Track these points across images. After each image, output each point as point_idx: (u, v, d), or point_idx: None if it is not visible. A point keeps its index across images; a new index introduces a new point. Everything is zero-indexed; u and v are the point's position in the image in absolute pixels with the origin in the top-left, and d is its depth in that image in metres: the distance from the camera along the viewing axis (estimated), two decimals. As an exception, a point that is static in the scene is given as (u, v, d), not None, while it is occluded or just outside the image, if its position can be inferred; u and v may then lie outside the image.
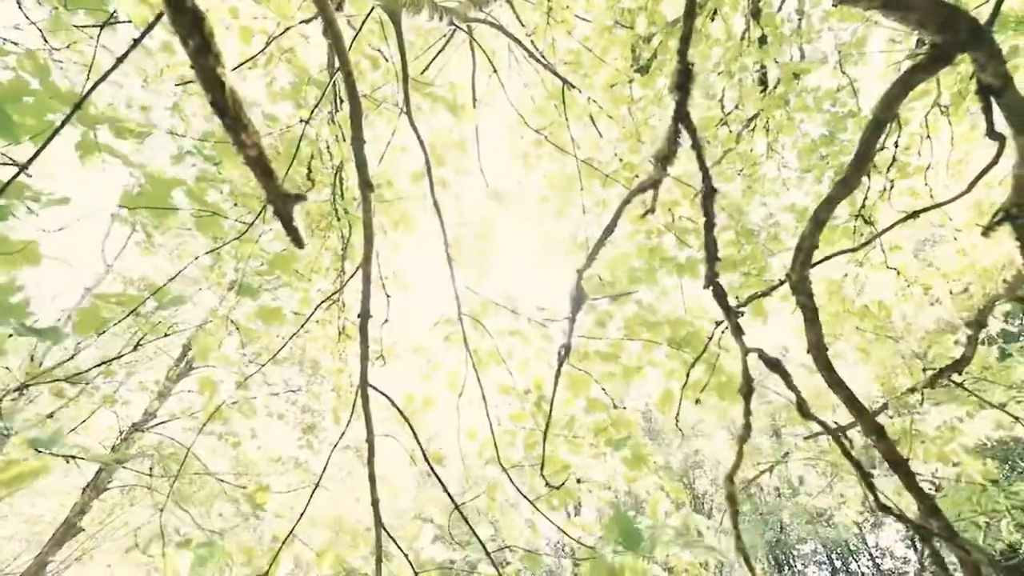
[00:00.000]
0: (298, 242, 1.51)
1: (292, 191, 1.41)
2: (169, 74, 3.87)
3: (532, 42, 4.63)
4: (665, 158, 1.57)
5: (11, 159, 1.90)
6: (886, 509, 1.34)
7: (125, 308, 2.56)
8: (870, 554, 21.98)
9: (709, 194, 1.59)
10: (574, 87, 4.27)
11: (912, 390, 3.10)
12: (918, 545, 21.82)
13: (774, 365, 1.55)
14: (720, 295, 1.63)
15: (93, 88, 1.83)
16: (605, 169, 4.22)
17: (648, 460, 2.73)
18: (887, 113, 1.80)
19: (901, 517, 1.28)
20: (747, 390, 1.64)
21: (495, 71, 4.05)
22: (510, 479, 3.10)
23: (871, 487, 1.35)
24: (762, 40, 3.43)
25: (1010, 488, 6.57)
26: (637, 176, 4.09)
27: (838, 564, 22.57)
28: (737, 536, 1.61)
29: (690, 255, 2.47)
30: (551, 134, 4.28)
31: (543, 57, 4.38)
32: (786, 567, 22.65)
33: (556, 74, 4.24)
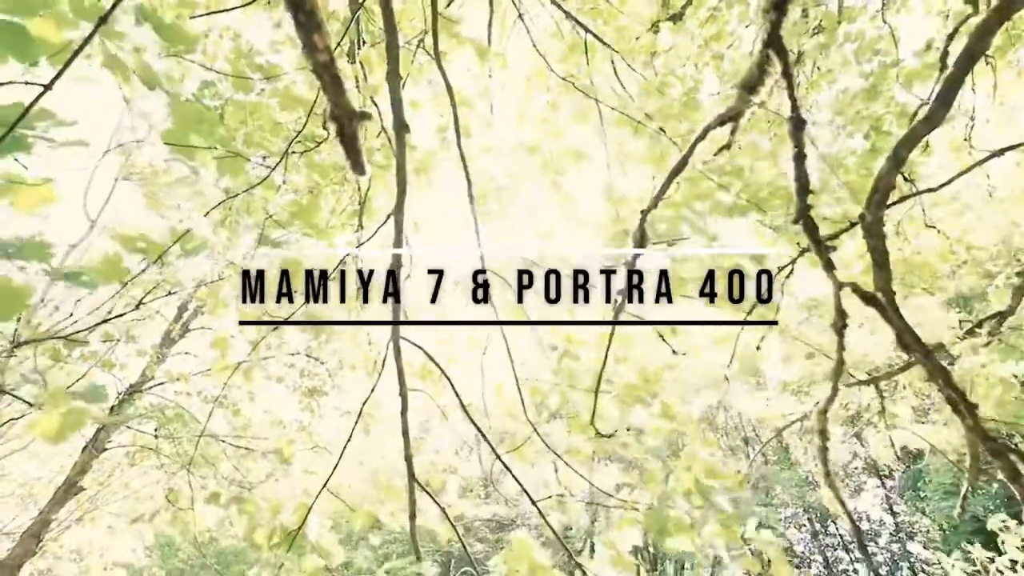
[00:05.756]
0: (359, 167, 1.38)
1: (358, 108, 1.29)
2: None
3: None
4: (752, 87, 1.47)
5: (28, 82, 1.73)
6: (993, 441, 1.31)
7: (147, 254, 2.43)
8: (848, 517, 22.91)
9: (799, 125, 1.50)
10: (595, 35, 4.07)
11: (952, 342, 3.11)
12: (894, 509, 22.81)
13: (870, 299, 1.50)
14: (812, 228, 1.56)
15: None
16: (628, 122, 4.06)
17: (673, 410, 2.72)
18: (981, 43, 1.69)
19: (1014, 451, 1.25)
20: (841, 324, 1.60)
21: (520, 16, 3.84)
22: (539, 435, 3.08)
23: (976, 420, 1.32)
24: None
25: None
26: (662, 129, 3.95)
27: (818, 527, 23.51)
28: (827, 473, 1.60)
29: (735, 200, 2.37)
30: (573, 85, 4.10)
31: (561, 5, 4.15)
32: (769, 529, 23.54)
33: (578, 22, 4.03)
